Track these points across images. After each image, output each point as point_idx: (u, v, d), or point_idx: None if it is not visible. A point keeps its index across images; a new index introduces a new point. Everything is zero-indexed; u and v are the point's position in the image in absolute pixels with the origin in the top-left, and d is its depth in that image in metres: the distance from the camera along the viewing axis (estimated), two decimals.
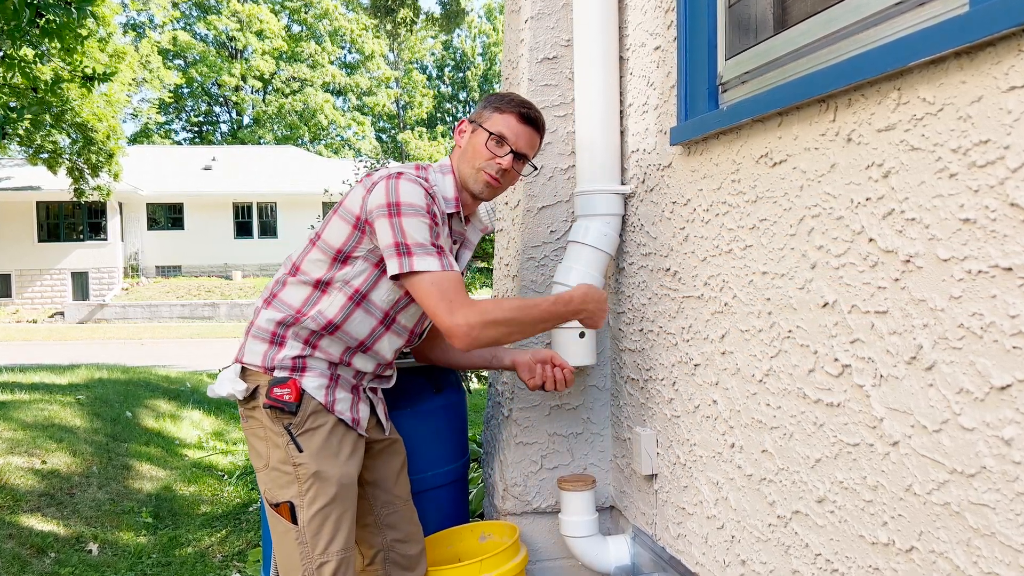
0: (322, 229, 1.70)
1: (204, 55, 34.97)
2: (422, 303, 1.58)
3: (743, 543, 1.59)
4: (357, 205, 1.63)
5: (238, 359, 1.69)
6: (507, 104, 1.76)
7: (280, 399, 1.60)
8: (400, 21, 11.81)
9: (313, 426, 1.64)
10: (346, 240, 1.64)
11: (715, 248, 1.66)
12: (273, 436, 1.63)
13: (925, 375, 1.07)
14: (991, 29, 0.91)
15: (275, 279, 1.74)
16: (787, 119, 1.38)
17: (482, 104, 1.80)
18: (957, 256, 1.01)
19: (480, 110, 1.79)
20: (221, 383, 1.67)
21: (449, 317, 1.54)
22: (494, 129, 1.74)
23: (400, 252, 1.55)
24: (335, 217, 1.67)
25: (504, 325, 1.61)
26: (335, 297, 1.66)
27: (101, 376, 6.95)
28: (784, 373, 1.42)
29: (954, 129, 1.01)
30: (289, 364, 1.64)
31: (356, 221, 1.63)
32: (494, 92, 1.87)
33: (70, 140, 14.06)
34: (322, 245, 1.66)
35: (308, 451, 1.62)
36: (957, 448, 1.02)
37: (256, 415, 1.66)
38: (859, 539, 1.23)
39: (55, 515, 3.40)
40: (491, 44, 43.10)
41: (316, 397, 1.64)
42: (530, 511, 2.31)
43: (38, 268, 22.38)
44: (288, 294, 1.68)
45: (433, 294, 1.55)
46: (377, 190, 1.60)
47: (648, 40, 1.98)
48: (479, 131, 1.75)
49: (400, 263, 1.55)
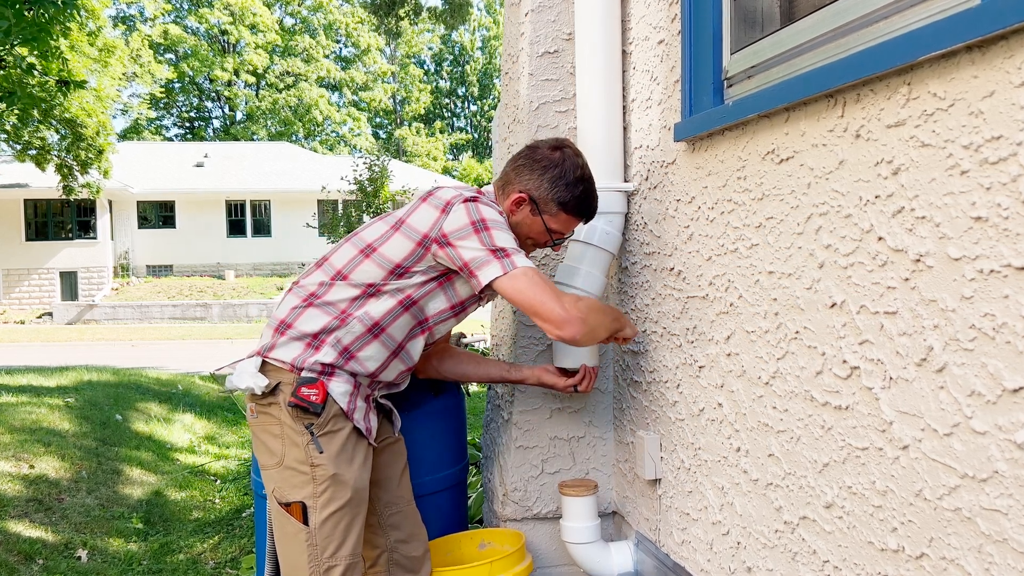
0: (377, 241, 1.71)
1: (196, 49, 34.96)
2: (525, 301, 1.61)
3: (749, 550, 1.59)
4: (426, 224, 1.67)
5: (261, 353, 1.71)
6: (577, 207, 1.79)
7: (307, 399, 1.63)
8: (401, 16, 11.83)
9: (334, 429, 1.67)
10: (407, 256, 1.68)
11: (720, 247, 1.66)
12: (293, 434, 1.65)
13: (936, 377, 1.07)
14: (1003, 22, 0.91)
15: (314, 281, 1.73)
16: (794, 115, 1.38)
17: (549, 183, 1.76)
18: (968, 255, 1.01)
19: (547, 193, 1.76)
20: (241, 375, 1.68)
21: (557, 302, 1.60)
22: (555, 228, 1.81)
23: (499, 256, 1.62)
24: (396, 234, 1.70)
25: (598, 311, 1.73)
26: (384, 301, 1.70)
27: (90, 378, 6.95)
28: (791, 375, 1.42)
29: (965, 125, 1.01)
30: (319, 368, 1.67)
31: (423, 239, 1.67)
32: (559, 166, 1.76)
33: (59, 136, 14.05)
34: (378, 259, 1.69)
35: (328, 453, 1.65)
36: (968, 452, 1.02)
37: (272, 411, 1.67)
38: (868, 545, 1.23)
39: (43, 521, 3.40)
40: (491, 38, 43.12)
41: (339, 402, 1.67)
42: (531, 517, 2.31)
43: (25, 268, 22.37)
44: (334, 294, 1.70)
45: (535, 287, 1.61)
46: (456, 212, 1.66)
47: (651, 34, 1.98)
48: (539, 219, 1.79)
49: (503, 264, 1.61)
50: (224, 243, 24.80)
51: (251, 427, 1.75)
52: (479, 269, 1.62)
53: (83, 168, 14.83)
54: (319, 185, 17.98)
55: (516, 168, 1.82)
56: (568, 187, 1.77)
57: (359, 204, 14.47)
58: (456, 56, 44.56)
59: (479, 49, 44.30)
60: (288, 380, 1.66)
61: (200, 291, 22.21)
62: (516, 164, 1.83)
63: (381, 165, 14.38)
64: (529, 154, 1.82)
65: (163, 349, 13.73)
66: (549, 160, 1.78)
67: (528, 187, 1.78)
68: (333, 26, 38.20)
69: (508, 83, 2.52)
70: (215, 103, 39.69)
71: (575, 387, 2.05)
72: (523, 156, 1.83)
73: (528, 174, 1.79)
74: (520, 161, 1.82)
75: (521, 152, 1.86)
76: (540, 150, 1.81)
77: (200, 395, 7.09)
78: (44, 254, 22.53)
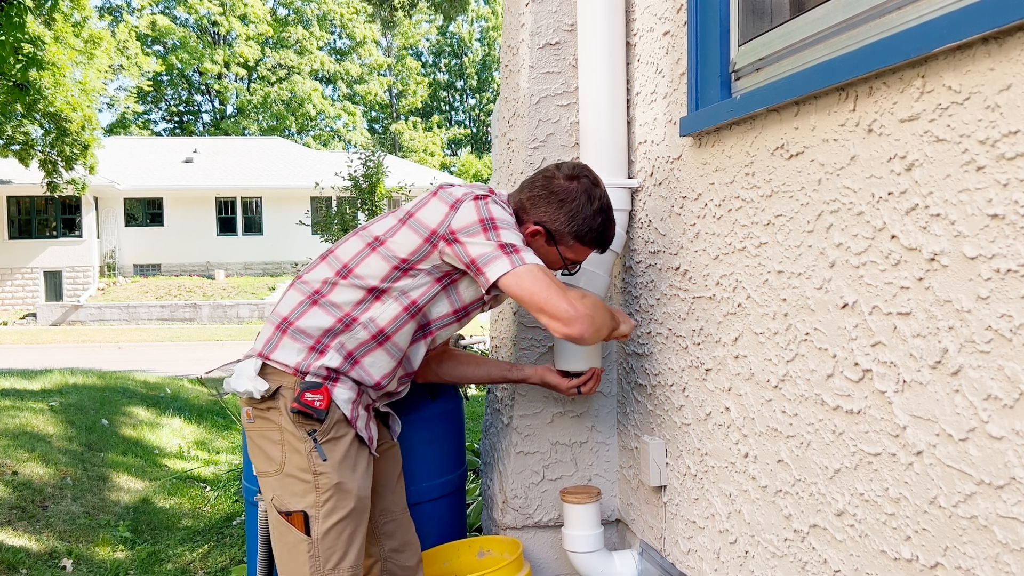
0: (385, 235, 1.71)
1: (185, 41, 34.97)
2: (532, 297, 1.60)
3: (757, 559, 1.59)
4: (435, 220, 1.67)
5: (262, 354, 1.69)
6: (595, 240, 1.81)
7: (311, 405, 1.62)
8: (397, 6, 11.84)
9: (337, 435, 1.66)
10: (414, 251, 1.68)
11: (728, 245, 1.66)
12: (294, 441, 1.64)
13: (951, 380, 1.07)
14: (1021, 13, 0.91)
15: (318, 276, 1.72)
16: (804, 108, 1.38)
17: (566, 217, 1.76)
18: (985, 254, 1.01)
19: (563, 226, 1.76)
20: (239, 379, 1.67)
21: (564, 298, 1.60)
22: (571, 257, 1.83)
23: (507, 251, 1.62)
24: (404, 227, 1.70)
25: (601, 309, 1.70)
26: (389, 306, 1.69)
27: (75, 381, 6.96)
28: (801, 378, 1.42)
29: (981, 119, 1.01)
30: (323, 373, 1.66)
31: (430, 235, 1.67)
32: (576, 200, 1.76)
33: (43, 131, 14.07)
34: (384, 252, 1.69)
35: (331, 461, 1.64)
36: (985, 458, 1.02)
37: (271, 417, 1.66)
38: (881, 555, 1.23)
39: (27, 529, 3.40)
40: (490, 28, 43.12)
41: (343, 409, 1.67)
42: (531, 525, 2.31)
43: (8, 267, 22.38)
44: (339, 295, 1.69)
45: (543, 283, 1.60)
46: (466, 209, 1.66)
47: (657, 25, 1.98)
48: (553, 249, 1.80)
49: (512, 260, 1.61)
50: (214, 241, 24.81)
51: (247, 432, 1.73)
52: (487, 265, 1.62)
53: (68, 164, 14.84)
54: (312, 182, 17.97)
55: (532, 199, 1.79)
56: (586, 221, 1.77)
57: (353, 201, 14.47)
58: (454, 48, 44.58)
59: (478, 40, 44.31)
60: (290, 384, 1.65)
61: (189, 291, 22.22)
62: (532, 194, 1.79)
63: (376, 161, 14.38)
64: (545, 184, 1.79)
65: (151, 351, 13.73)
66: (567, 192, 1.76)
67: (544, 219, 1.77)
68: (327, 17, 38.21)
69: (508, 76, 2.52)
70: (205, 97, 39.72)
71: (578, 389, 2.05)
72: (539, 186, 1.79)
73: (544, 206, 1.77)
74: (536, 191, 1.79)
75: (536, 180, 1.81)
76: (557, 180, 1.78)
77: (189, 399, 7.09)
78: (27, 253, 22.54)
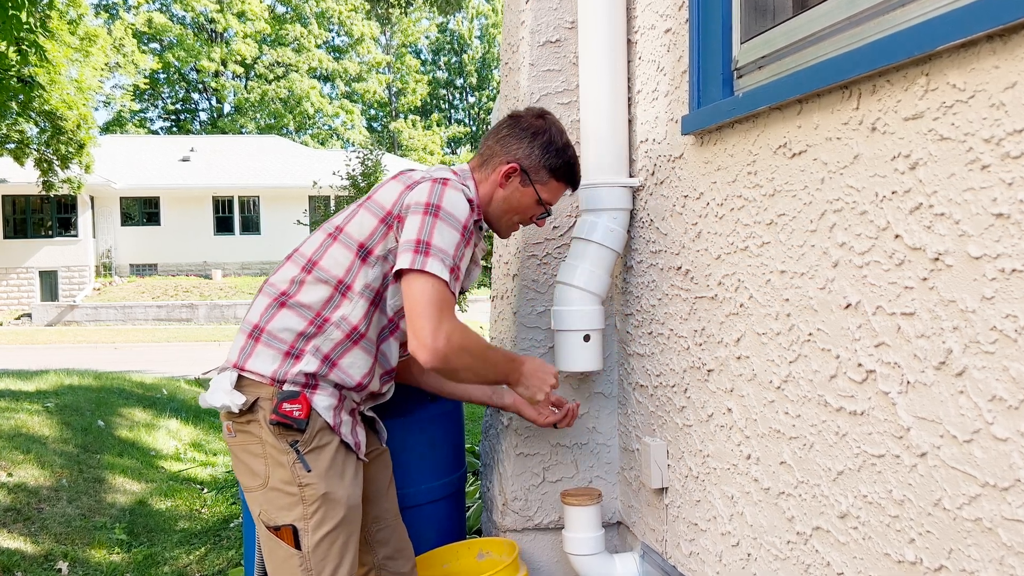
0: (344, 222, 1.70)
1: (181, 38, 34.96)
2: (411, 305, 1.55)
3: (760, 562, 1.59)
4: (390, 200, 1.66)
5: (237, 365, 1.65)
6: (567, 173, 1.83)
7: (290, 415, 1.58)
8: (393, 3, 11.85)
9: (320, 444, 1.62)
10: (370, 234, 1.66)
11: (730, 245, 1.66)
12: (276, 454, 1.60)
13: (955, 381, 1.07)
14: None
15: (284, 277, 1.69)
16: (807, 107, 1.38)
17: (540, 150, 1.78)
18: (990, 254, 1.01)
19: (538, 160, 1.78)
20: (215, 393, 1.63)
21: (436, 325, 1.53)
22: (547, 197, 1.83)
23: (419, 249, 1.56)
24: (361, 210, 1.69)
25: (474, 358, 1.62)
26: (357, 303, 1.66)
27: (71, 382, 6.95)
28: (804, 379, 1.42)
29: (986, 117, 1.01)
30: (302, 380, 1.62)
31: (385, 216, 1.66)
32: (547, 133, 1.80)
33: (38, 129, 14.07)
34: (344, 239, 1.68)
35: (316, 471, 1.60)
36: (990, 460, 1.02)
37: (252, 430, 1.62)
38: (884, 557, 1.23)
39: (22, 531, 3.40)
40: (490, 26, 43.11)
41: (324, 416, 1.63)
42: (531, 527, 2.31)
43: (3, 267, 22.38)
44: (307, 295, 1.66)
45: (427, 298, 1.54)
46: (420, 188, 1.64)
47: (658, 22, 1.98)
48: (530, 189, 1.79)
49: (414, 259, 1.55)
50: (211, 241, 24.82)
51: (230, 447, 1.69)
52: (401, 253, 1.58)
53: (63, 163, 14.84)
54: (310, 180, 18.00)
55: (501, 139, 1.81)
56: (558, 153, 1.79)
57: (351, 200, 14.48)
58: (454, 45, 44.58)
59: (477, 38, 44.31)
60: (267, 395, 1.60)
61: (186, 291, 22.22)
62: (500, 135, 1.82)
63: (375, 159, 14.39)
64: (513, 123, 1.82)
65: (147, 352, 13.73)
66: (536, 127, 1.80)
67: (518, 156, 1.78)
68: (326, 14, 38.21)
69: (508, 74, 2.52)
70: (202, 95, 39.72)
71: (555, 424, 2.05)
72: (506, 126, 1.83)
73: (516, 143, 1.79)
74: (504, 132, 1.82)
75: (502, 123, 1.85)
76: (524, 119, 1.82)
77: (186, 400, 7.09)
78: (23, 252, 22.54)
